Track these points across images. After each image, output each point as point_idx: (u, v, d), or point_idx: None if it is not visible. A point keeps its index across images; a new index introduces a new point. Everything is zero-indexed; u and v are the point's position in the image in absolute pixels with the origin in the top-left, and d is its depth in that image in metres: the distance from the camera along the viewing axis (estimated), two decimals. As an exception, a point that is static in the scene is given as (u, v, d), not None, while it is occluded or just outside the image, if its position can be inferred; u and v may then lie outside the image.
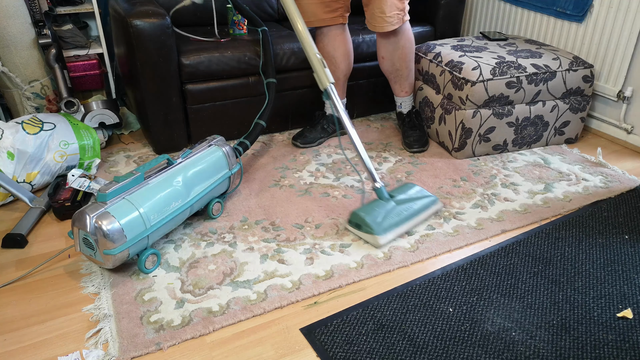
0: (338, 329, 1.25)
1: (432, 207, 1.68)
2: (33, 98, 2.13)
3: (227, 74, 2.06)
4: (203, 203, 1.61)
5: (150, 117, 2.00)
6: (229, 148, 1.68)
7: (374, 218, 1.56)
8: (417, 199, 1.66)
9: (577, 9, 2.27)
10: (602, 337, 1.23)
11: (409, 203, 1.63)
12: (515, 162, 2.07)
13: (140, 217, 1.36)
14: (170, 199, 1.45)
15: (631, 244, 1.57)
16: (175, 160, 1.54)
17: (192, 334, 1.23)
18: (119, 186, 1.36)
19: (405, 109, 2.21)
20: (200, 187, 1.56)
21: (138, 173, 1.41)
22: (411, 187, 1.72)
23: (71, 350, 1.19)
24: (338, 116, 1.70)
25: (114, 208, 1.33)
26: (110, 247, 1.31)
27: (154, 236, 1.43)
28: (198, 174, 1.55)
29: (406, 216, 1.60)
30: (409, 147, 2.14)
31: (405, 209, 1.62)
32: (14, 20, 1.99)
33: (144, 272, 1.43)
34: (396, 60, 2.06)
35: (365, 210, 1.59)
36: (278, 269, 1.46)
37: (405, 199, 1.65)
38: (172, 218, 1.45)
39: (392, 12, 1.90)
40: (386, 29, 1.94)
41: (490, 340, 1.22)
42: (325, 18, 1.99)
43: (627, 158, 2.14)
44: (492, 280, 1.42)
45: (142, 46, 1.86)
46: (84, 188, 1.73)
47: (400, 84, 2.15)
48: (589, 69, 2.12)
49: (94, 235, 1.30)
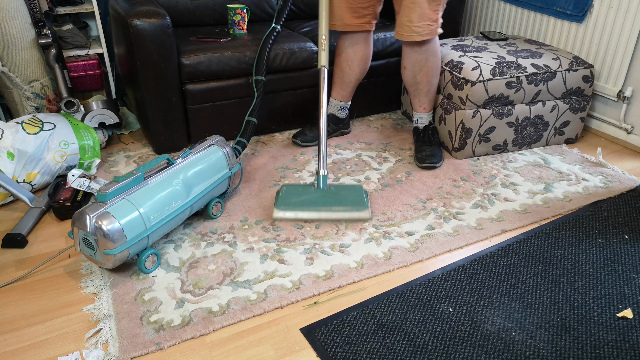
0: (338, 329, 1.25)
1: (356, 212, 1.63)
2: (33, 98, 2.13)
3: (227, 74, 2.05)
4: (203, 203, 1.61)
5: (150, 117, 2.00)
6: (229, 148, 1.68)
7: (288, 196, 1.62)
8: (348, 200, 1.64)
9: (577, 9, 2.27)
10: (602, 337, 1.23)
11: (335, 198, 1.62)
12: (515, 162, 2.07)
13: (140, 217, 1.36)
14: (170, 199, 1.45)
15: (631, 244, 1.57)
16: (175, 160, 1.54)
17: (192, 334, 1.23)
18: (119, 186, 1.36)
19: (422, 125, 2.12)
20: (200, 187, 1.56)
21: (138, 173, 1.41)
22: (357, 191, 1.69)
23: (71, 350, 1.19)
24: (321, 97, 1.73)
25: (114, 208, 1.33)
26: (110, 247, 1.31)
27: (154, 236, 1.43)
28: (198, 174, 1.55)
29: (318, 207, 1.61)
30: (419, 161, 2.01)
31: (325, 202, 1.61)
32: (14, 20, 1.99)
33: (144, 272, 1.43)
34: (417, 73, 1.97)
35: (290, 188, 1.65)
36: (278, 269, 1.46)
37: (337, 195, 1.64)
38: (172, 218, 1.45)
39: (421, 22, 1.82)
40: (412, 38, 1.86)
41: (490, 340, 1.22)
42: (351, 23, 1.97)
43: (627, 158, 2.14)
44: (492, 280, 1.42)
45: (142, 46, 1.86)
46: (84, 188, 1.73)
47: (419, 99, 2.06)
48: (589, 69, 2.12)
49: (94, 235, 1.30)
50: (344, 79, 2.12)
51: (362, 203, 1.63)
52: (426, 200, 1.80)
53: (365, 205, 1.63)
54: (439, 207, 1.76)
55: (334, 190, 1.66)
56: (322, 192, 1.63)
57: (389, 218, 1.70)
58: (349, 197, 1.65)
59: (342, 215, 1.61)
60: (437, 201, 1.79)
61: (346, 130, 2.30)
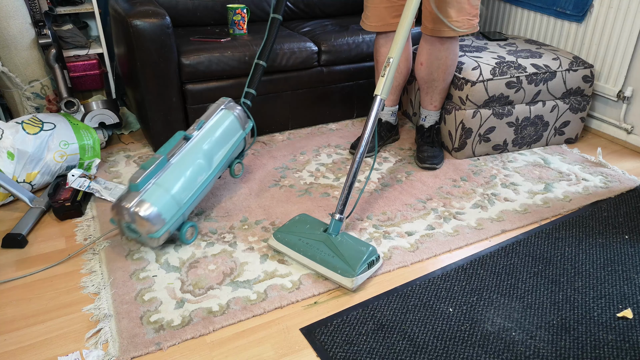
0: (338, 329, 1.25)
1: (338, 276, 1.36)
2: (33, 98, 2.13)
3: (227, 74, 2.05)
4: (225, 167, 1.70)
5: (150, 117, 2.00)
6: (239, 109, 1.73)
7: (293, 227, 1.50)
8: (342, 258, 1.38)
9: (577, 9, 2.27)
10: (602, 337, 1.23)
11: (332, 251, 1.41)
12: (515, 162, 2.07)
13: (172, 198, 1.45)
14: (196, 174, 1.54)
15: (631, 244, 1.57)
16: (191, 135, 1.59)
17: (192, 334, 1.23)
18: (147, 173, 1.43)
19: (428, 123, 2.08)
20: (220, 154, 1.63)
21: (161, 156, 1.47)
22: (360, 252, 1.40)
23: (71, 350, 1.19)
24: (367, 129, 1.53)
25: (148, 195, 1.41)
26: (152, 230, 1.41)
27: (188, 211, 1.53)
28: (216, 143, 1.63)
29: (309, 252, 1.43)
30: (420, 161, 1.98)
31: (318, 251, 1.41)
32: (14, 21, 1.99)
33: (185, 243, 1.54)
34: (435, 70, 1.93)
35: (302, 219, 1.53)
36: (278, 269, 1.46)
37: (337, 247, 1.41)
38: (200, 191, 1.55)
39: (460, 16, 1.77)
40: (447, 34, 1.80)
41: (490, 340, 1.22)
42: (392, 23, 1.93)
43: (627, 158, 2.14)
44: (492, 280, 1.42)
45: (142, 46, 1.86)
46: (84, 188, 1.73)
47: (432, 96, 2.01)
48: (589, 69, 2.12)
49: (135, 223, 1.40)
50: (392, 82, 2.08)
51: (353, 268, 1.36)
52: (426, 200, 1.80)
53: (353, 273, 1.35)
54: (439, 207, 1.76)
55: (339, 240, 1.44)
56: (325, 237, 1.44)
57: (389, 218, 1.70)
58: (347, 255, 1.39)
59: (325, 272, 1.39)
60: (437, 201, 1.79)
61: (396, 136, 2.25)
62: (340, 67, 2.28)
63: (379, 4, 1.89)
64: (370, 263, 1.41)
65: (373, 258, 1.41)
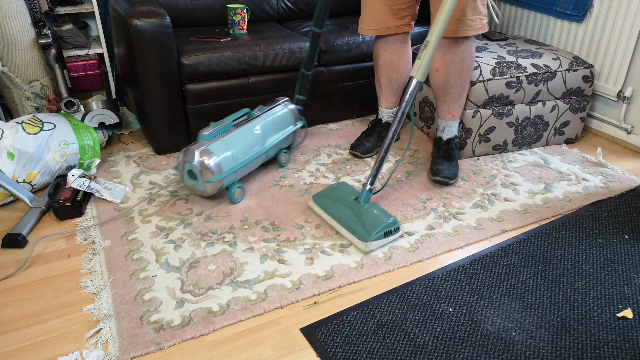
0: (338, 329, 1.25)
1: (355, 239, 1.53)
2: (33, 98, 2.13)
3: (227, 74, 2.05)
4: (274, 152, 1.94)
5: (150, 117, 2.00)
6: (294, 107, 1.99)
7: (330, 193, 1.68)
8: (363, 224, 1.52)
9: (577, 9, 2.27)
10: (602, 337, 1.23)
11: (356, 217, 1.55)
12: (515, 162, 2.07)
13: (232, 155, 1.69)
14: (252, 144, 1.79)
15: (631, 244, 1.57)
16: (253, 114, 1.86)
17: (192, 334, 1.23)
18: (216, 129, 1.71)
19: (446, 136, 1.95)
20: (273, 137, 1.88)
21: (228, 121, 1.76)
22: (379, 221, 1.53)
23: (71, 350, 1.19)
24: (402, 107, 1.59)
25: (213, 146, 1.66)
26: (210, 176, 1.63)
27: (240, 172, 1.77)
28: (272, 126, 1.88)
29: (337, 215, 1.60)
30: (433, 173, 1.87)
31: (345, 215, 1.57)
32: (14, 20, 1.99)
33: (233, 202, 1.76)
34: (451, 75, 1.83)
35: (339, 187, 1.70)
36: (278, 269, 1.46)
37: (362, 214, 1.55)
38: (252, 160, 1.78)
39: (474, 15, 1.71)
40: (467, 33, 1.73)
41: (490, 340, 1.22)
42: (392, 26, 1.91)
43: (627, 158, 2.14)
44: (492, 280, 1.42)
45: (142, 46, 1.86)
46: (84, 188, 1.73)
47: (450, 104, 1.89)
48: (589, 69, 2.12)
49: (198, 167, 1.62)
50: (392, 85, 2.06)
51: (369, 234, 1.50)
52: (426, 200, 1.80)
53: (368, 238, 1.49)
54: (439, 207, 1.76)
55: (365, 208, 1.57)
56: (356, 205, 1.58)
57: (389, 218, 1.70)
58: (368, 222, 1.52)
59: (345, 234, 1.57)
60: (437, 201, 1.79)
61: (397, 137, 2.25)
62: (340, 67, 2.28)
63: (377, 7, 1.88)
64: (388, 232, 1.54)
65: (391, 228, 1.54)
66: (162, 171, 1.98)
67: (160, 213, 1.71)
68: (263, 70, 2.11)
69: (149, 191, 1.84)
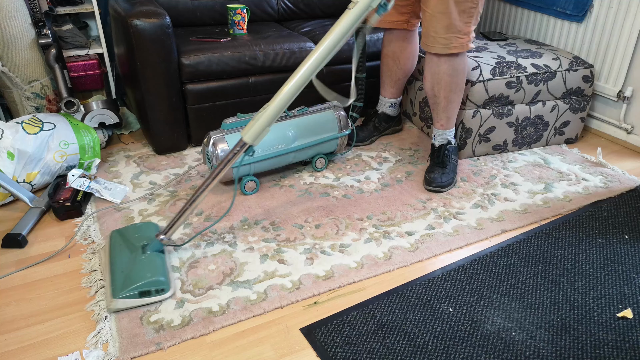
0: (338, 329, 1.25)
1: (108, 291, 1.32)
2: (33, 98, 2.13)
3: (227, 74, 2.05)
4: (308, 155, 1.91)
5: (150, 117, 2.00)
6: (343, 114, 1.93)
7: (127, 232, 1.49)
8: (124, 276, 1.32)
9: (577, 9, 2.27)
10: (602, 337, 1.23)
11: (130, 265, 1.35)
12: (515, 162, 2.07)
13: None
14: (275, 141, 1.78)
15: (631, 244, 1.57)
16: (288, 112, 1.84)
17: (192, 334, 1.23)
18: (238, 121, 1.75)
19: (438, 142, 1.95)
20: (305, 140, 1.84)
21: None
22: (143, 277, 1.31)
23: (71, 350, 1.19)
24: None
25: (230, 136, 1.73)
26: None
27: (257, 167, 1.79)
28: (304, 129, 1.84)
29: (116, 262, 1.38)
30: (426, 183, 1.86)
31: (124, 262, 1.37)
32: (14, 20, 1.99)
33: (244, 193, 1.80)
34: (435, 85, 1.82)
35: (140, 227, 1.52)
36: (278, 269, 1.46)
37: (137, 263, 1.36)
38: (273, 157, 1.79)
39: (448, 33, 1.69)
40: (436, 50, 1.74)
41: (490, 340, 1.22)
42: (389, 20, 1.96)
43: (627, 158, 2.14)
44: (492, 280, 1.42)
45: (142, 46, 1.86)
46: (84, 188, 1.73)
47: (437, 113, 1.90)
48: (589, 69, 2.12)
49: (211, 153, 1.71)
50: (392, 76, 2.13)
51: (121, 290, 1.29)
52: (426, 200, 1.80)
53: (117, 294, 1.29)
54: (439, 207, 1.76)
55: (141, 259, 1.38)
56: (137, 252, 1.40)
57: (389, 218, 1.70)
58: (133, 275, 1.32)
59: (106, 282, 1.36)
60: (437, 201, 1.79)
61: (398, 127, 2.30)
62: (340, 67, 2.28)
63: None
64: (146, 292, 1.29)
65: (152, 288, 1.30)
66: (162, 171, 1.98)
67: (160, 213, 1.71)
68: (263, 70, 2.11)
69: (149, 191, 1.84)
